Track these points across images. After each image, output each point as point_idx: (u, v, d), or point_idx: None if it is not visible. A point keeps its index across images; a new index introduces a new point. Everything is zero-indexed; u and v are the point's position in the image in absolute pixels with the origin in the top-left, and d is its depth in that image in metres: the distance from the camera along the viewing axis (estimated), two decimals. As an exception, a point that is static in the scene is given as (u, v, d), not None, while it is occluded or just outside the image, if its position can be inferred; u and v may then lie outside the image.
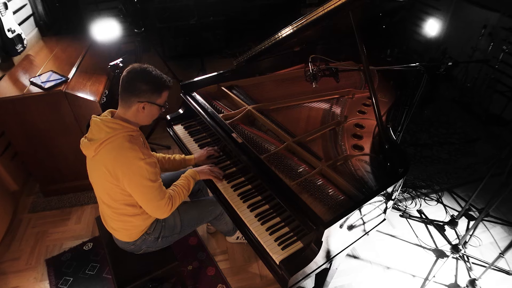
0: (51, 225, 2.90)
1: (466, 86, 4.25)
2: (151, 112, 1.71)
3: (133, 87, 1.62)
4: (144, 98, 1.63)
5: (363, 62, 1.87)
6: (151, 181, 1.65)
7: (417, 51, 5.02)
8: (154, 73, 1.65)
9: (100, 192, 1.81)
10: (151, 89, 1.63)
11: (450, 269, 2.53)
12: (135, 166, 1.60)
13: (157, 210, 1.76)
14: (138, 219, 1.84)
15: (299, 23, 2.01)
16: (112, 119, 1.66)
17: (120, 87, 1.65)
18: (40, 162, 2.94)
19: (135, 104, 1.64)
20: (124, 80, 1.63)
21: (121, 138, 1.62)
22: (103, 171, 1.64)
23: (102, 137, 1.61)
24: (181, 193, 1.88)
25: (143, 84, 1.61)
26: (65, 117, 2.70)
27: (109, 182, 1.67)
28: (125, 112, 1.68)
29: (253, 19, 5.74)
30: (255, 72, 2.69)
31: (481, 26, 3.91)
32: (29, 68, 2.92)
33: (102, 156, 1.63)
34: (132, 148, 1.61)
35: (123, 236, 1.89)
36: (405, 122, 2.54)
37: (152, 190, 1.68)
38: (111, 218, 1.85)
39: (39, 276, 2.52)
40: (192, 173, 1.97)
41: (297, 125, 2.19)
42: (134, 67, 1.64)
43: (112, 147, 1.61)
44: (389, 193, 1.75)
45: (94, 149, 1.63)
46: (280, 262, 1.57)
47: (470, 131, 3.94)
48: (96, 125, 1.65)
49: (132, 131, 1.67)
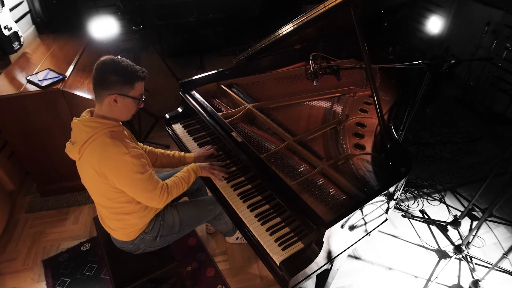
0: (48, 226, 2.90)
1: (469, 84, 4.25)
2: (126, 106, 1.65)
3: (103, 80, 1.57)
4: (114, 90, 1.59)
5: (365, 60, 1.86)
6: (140, 173, 1.64)
7: (420, 49, 5.02)
8: (124, 64, 1.60)
9: (94, 194, 1.80)
10: (121, 80, 1.58)
11: (453, 270, 2.53)
12: (121, 162, 1.59)
13: (151, 200, 1.76)
14: (135, 217, 1.83)
15: (299, 20, 2.01)
16: (90, 118, 1.64)
17: (92, 83, 1.61)
18: (37, 162, 2.94)
19: (106, 97, 1.59)
20: (94, 74, 1.59)
21: (102, 135, 1.59)
22: (91, 172, 1.63)
23: (84, 138, 1.59)
24: (180, 185, 1.87)
25: (112, 75, 1.57)
26: (63, 115, 2.69)
27: (99, 182, 1.66)
28: (100, 108, 1.64)
29: (253, 16, 5.73)
30: (255, 70, 2.68)
31: (484, 24, 3.91)
32: (26, 66, 2.91)
33: (87, 157, 1.62)
34: (114, 143, 1.58)
35: (121, 236, 1.89)
36: (407, 121, 2.54)
37: (142, 182, 1.67)
38: (108, 218, 1.85)
39: (36, 277, 2.52)
40: (194, 167, 1.97)
41: (298, 124, 2.19)
42: (104, 60, 1.60)
43: (94, 146, 1.59)
44: (391, 193, 1.75)
45: (78, 151, 1.62)
46: (280, 263, 1.57)
47: (473, 130, 3.94)
48: (76, 127, 1.64)
49: (112, 126, 1.64)
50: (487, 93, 4.08)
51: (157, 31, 5.24)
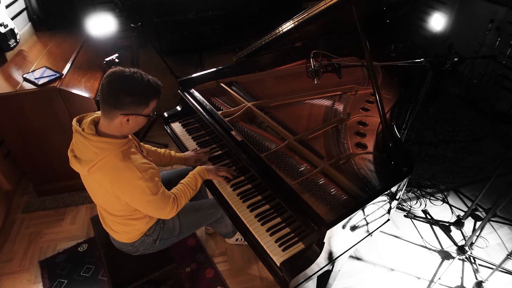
0: (45, 226, 2.90)
1: (473, 82, 4.24)
2: (137, 123, 1.58)
3: (115, 100, 1.45)
4: (129, 111, 1.49)
5: (367, 58, 1.86)
6: (153, 195, 1.62)
7: (422, 46, 5.01)
8: (140, 81, 1.48)
9: (101, 203, 1.79)
10: (136, 101, 1.48)
11: (456, 271, 2.53)
12: (134, 186, 1.55)
13: (162, 214, 1.77)
14: (141, 222, 1.84)
15: (300, 17, 2.01)
16: (98, 137, 1.51)
17: (100, 97, 1.47)
18: (33, 161, 2.93)
19: (118, 117, 1.49)
20: (104, 91, 1.46)
21: (113, 158, 1.51)
22: (101, 190, 1.61)
23: (92, 159, 1.51)
24: (187, 192, 1.86)
25: (127, 97, 1.45)
26: (60, 114, 2.69)
27: (110, 199, 1.65)
28: (109, 126, 1.53)
29: (253, 13, 5.73)
30: (255, 68, 2.68)
31: (488, 21, 3.91)
32: (22, 64, 2.91)
33: (97, 178, 1.57)
34: (128, 167, 1.52)
35: (122, 238, 1.89)
36: (409, 119, 2.53)
37: (155, 202, 1.66)
38: (113, 222, 1.84)
39: (32, 278, 2.52)
40: (200, 171, 1.94)
41: (299, 123, 2.18)
42: (116, 73, 1.46)
43: (106, 170, 1.52)
44: (393, 193, 1.75)
45: (87, 170, 1.53)
46: (281, 264, 1.57)
47: (476, 129, 3.93)
48: (81, 142, 1.53)
49: (122, 145, 1.55)
50: (490, 91, 4.08)
51: (156, 28, 5.23)
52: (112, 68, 1.51)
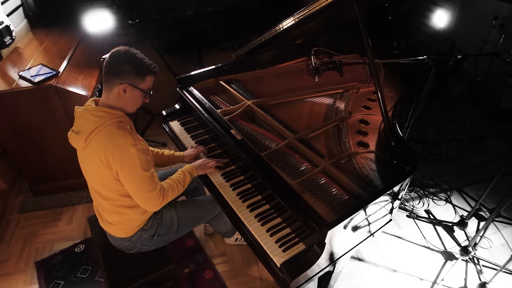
0: (41, 226, 2.90)
1: (476, 80, 4.24)
2: (134, 97, 1.71)
3: (116, 68, 1.64)
4: (126, 80, 1.64)
5: (368, 55, 1.86)
6: (143, 170, 1.66)
7: (425, 44, 5.01)
8: (139, 56, 1.67)
9: (95, 184, 1.80)
10: (133, 70, 1.64)
11: (459, 272, 2.53)
12: (127, 153, 1.61)
13: (147, 201, 1.76)
14: (135, 212, 1.84)
15: (301, 14, 2.00)
16: (97, 107, 1.67)
17: (103, 70, 1.66)
18: (29, 160, 2.93)
19: (116, 86, 1.65)
20: (108, 62, 1.65)
21: (109, 125, 1.63)
22: (95, 161, 1.65)
23: (90, 127, 1.62)
24: (175, 187, 1.87)
25: (126, 65, 1.63)
26: (56, 112, 2.69)
27: (102, 172, 1.68)
28: (108, 96, 1.68)
29: (253, 10, 5.72)
30: (255, 66, 2.68)
31: (491, 18, 3.90)
32: (18, 62, 2.91)
33: (93, 147, 1.65)
34: (122, 134, 1.63)
35: (119, 232, 1.89)
36: (412, 118, 2.52)
37: (143, 180, 1.69)
38: (107, 211, 1.85)
39: (28, 280, 2.52)
40: (189, 168, 1.97)
41: (299, 121, 2.18)
42: (119, 49, 1.67)
43: (101, 136, 1.62)
44: (396, 193, 1.75)
45: (83, 141, 1.64)
46: (281, 265, 1.57)
47: (480, 128, 3.93)
48: (82, 115, 1.66)
49: (119, 117, 1.67)
50: (494, 89, 4.07)
51: (154, 25, 5.23)
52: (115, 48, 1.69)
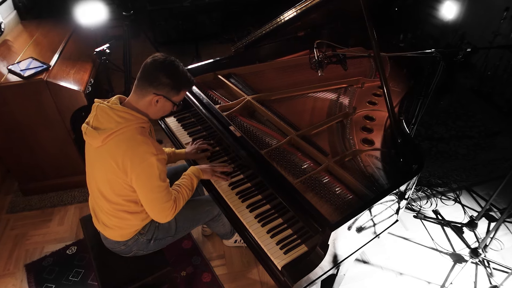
0: (32, 227, 2.90)
1: (487, 74, 4.24)
2: (164, 108, 1.74)
3: (154, 78, 1.64)
4: (162, 92, 1.66)
5: (374, 48, 1.85)
6: (161, 180, 1.67)
7: (433, 36, 5.00)
8: (180, 69, 1.69)
9: (102, 184, 1.78)
10: (171, 84, 1.66)
11: (469, 275, 2.53)
12: (146, 162, 1.61)
13: (160, 212, 1.76)
14: (137, 217, 1.84)
15: (303, 5, 2.00)
16: (124, 108, 1.66)
17: (140, 74, 1.67)
18: (19, 158, 2.93)
19: (150, 95, 1.66)
20: (147, 67, 1.65)
21: (133, 129, 1.63)
22: (110, 163, 1.64)
23: (112, 128, 1.61)
24: (185, 194, 1.87)
25: (165, 77, 1.64)
26: (47, 108, 2.68)
27: (114, 175, 1.67)
28: (138, 101, 1.69)
29: (252, 1, 5.70)
30: (255, 59, 2.68)
31: (503, 9, 3.89)
32: (7, 55, 2.90)
33: (110, 148, 1.64)
34: (144, 141, 1.62)
35: (115, 235, 1.89)
36: (419, 114, 2.53)
37: (159, 190, 1.68)
38: (106, 214, 1.84)
39: (18, 283, 2.52)
40: (195, 171, 1.96)
41: (301, 117, 2.18)
42: (165, 58, 1.66)
43: (122, 139, 1.62)
44: (402, 192, 1.74)
45: (101, 140, 1.62)
46: (282, 268, 1.57)
47: (490, 124, 3.93)
48: (104, 112, 1.64)
49: (143, 122, 1.68)
50: (506, 83, 4.07)
51: (149, 17, 5.22)
52: (156, 54, 1.70)
